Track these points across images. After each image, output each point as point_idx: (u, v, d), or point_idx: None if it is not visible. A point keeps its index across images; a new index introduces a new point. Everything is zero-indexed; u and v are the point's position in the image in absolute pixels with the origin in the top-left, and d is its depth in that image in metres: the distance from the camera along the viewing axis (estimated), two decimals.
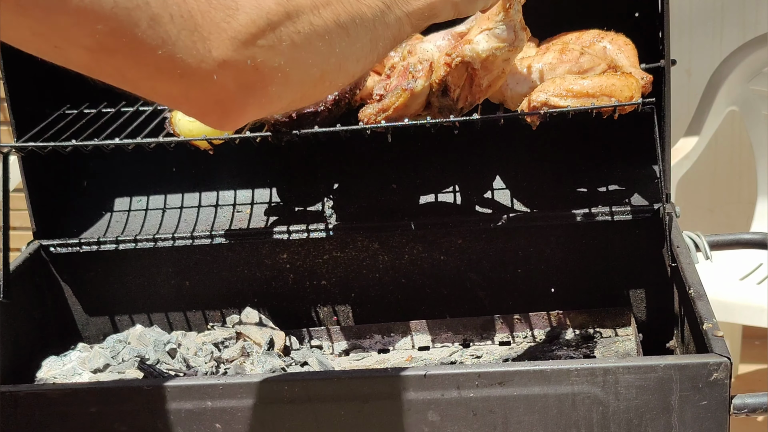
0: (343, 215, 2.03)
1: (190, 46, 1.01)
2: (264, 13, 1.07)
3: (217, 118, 1.09)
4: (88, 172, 2.10)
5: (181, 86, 1.03)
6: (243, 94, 1.07)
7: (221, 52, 1.03)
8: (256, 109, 1.10)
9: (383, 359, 1.97)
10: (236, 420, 1.44)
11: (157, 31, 0.99)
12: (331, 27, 1.15)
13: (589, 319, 1.97)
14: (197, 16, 1.02)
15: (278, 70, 1.08)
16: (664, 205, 1.89)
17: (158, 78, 1.02)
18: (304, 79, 1.14)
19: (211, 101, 1.06)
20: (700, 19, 3.43)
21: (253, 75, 1.06)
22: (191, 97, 1.05)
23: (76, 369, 1.83)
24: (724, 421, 1.40)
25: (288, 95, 1.13)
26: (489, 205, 2.03)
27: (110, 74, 1.03)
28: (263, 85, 1.08)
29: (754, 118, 3.16)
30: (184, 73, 1.02)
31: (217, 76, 1.03)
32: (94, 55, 0.99)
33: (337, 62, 1.18)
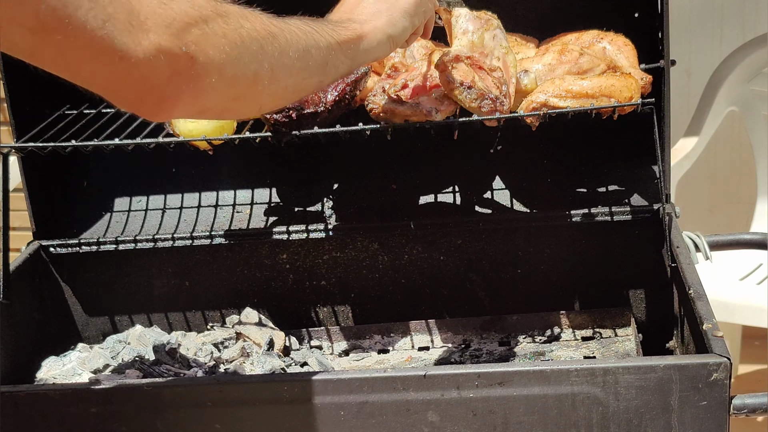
0: (343, 215, 2.03)
1: (129, 30, 1.05)
2: (196, 8, 1.12)
3: (151, 105, 1.12)
4: (87, 173, 2.10)
5: (119, 70, 1.06)
6: (177, 80, 1.10)
7: (157, 37, 1.07)
8: (189, 98, 1.13)
9: (383, 359, 1.97)
10: (236, 420, 1.44)
11: (98, 13, 1.02)
12: (261, 32, 1.21)
13: (588, 320, 1.97)
14: (134, 1, 1.06)
15: (212, 61, 1.13)
16: (664, 205, 1.89)
17: (98, 60, 1.05)
18: (237, 76, 1.18)
19: (147, 87, 1.09)
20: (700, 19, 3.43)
21: (186, 62, 1.10)
22: (128, 82, 1.08)
23: (76, 369, 1.83)
24: (724, 421, 1.40)
25: (222, 89, 1.16)
26: (489, 206, 2.03)
27: (52, 58, 1.06)
28: (197, 74, 1.12)
29: (753, 119, 3.16)
30: (123, 56, 1.05)
31: (153, 60, 1.07)
32: (37, 36, 1.01)
33: (270, 67, 1.23)
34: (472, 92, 1.72)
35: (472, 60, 1.75)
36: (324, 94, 1.78)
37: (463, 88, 1.72)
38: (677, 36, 3.31)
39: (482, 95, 1.72)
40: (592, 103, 1.76)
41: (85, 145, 1.83)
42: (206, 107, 1.19)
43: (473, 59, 1.75)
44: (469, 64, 1.74)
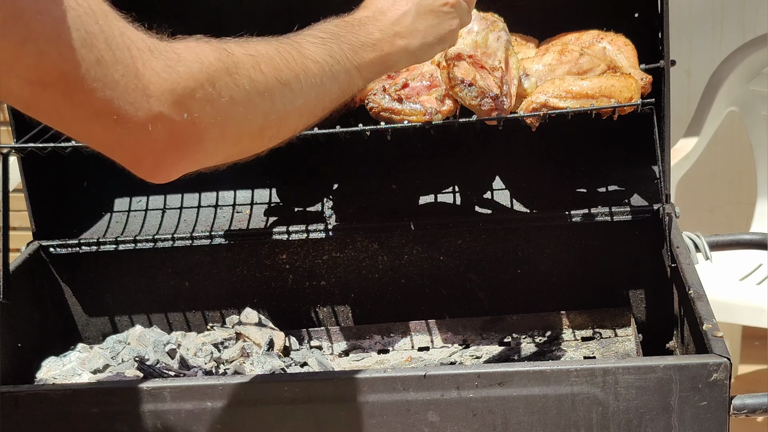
0: (343, 216, 2.03)
1: (129, 94, 1.00)
2: (204, 68, 1.06)
3: (148, 169, 1.08)
4: (87, 173, 2.10)
5: (115, 133, 1.02)
6: (176, 147, 1.06)
7: (158, 104, 1.02)
8: (189, 164, 1.09)
9: (383, 360, 1.97)
10: (236, 420, 1.44)
11: (99, 74, 0.99)
12: (271, 83, 1.15)
13: (588, 320, 1.97)
14: (139, 64, 1.01)
15: (215, 125, 1.08)
16: (664, 205, 1.89)
17: (94, 121, 1.01)
18: (241, 134, 1.13)
19: (144, 152, 1.05)
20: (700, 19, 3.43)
21: (188, 129, 1.05)
22: (124, 145, 1.04)
23: (76, 369, 1.83)
24: (724, 421, 1.40)
25: (224, 150, 1.12)
26: (488, 206, 2.03)
27: (47, 112, 1.02)
28: (198, 140, 1.07)
29: (753, 119, 3.16)
30: (119, 120, 1.01)
31: (152, 127, 1.02)
32: (34, 89, 0.98)
33: (278, 118, 1.18)
34: (472, 90, 1.72)
35: (474, 59, 1.75)
36: None
37: (463, 86, 1.72)
38: (677, 36, 3.31)
39: (483, 93, 1.72)
40: (592, 104, 1.76)
41: (86, 146, 1.83)
42: (206, 165, 1.14)
43: (475, 58, 1.75)
44: (471, 63, 1.74)
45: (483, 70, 1.75)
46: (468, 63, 1.73)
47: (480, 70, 1.74)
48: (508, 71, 1.77)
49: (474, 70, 1.73)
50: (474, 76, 1.72)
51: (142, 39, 1.03)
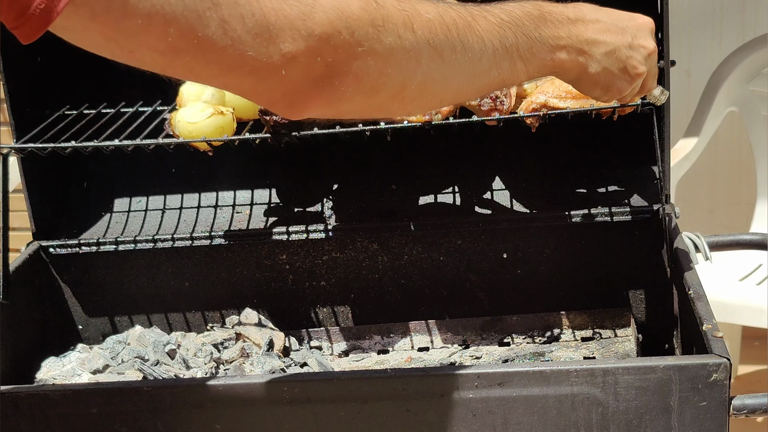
0: (343, 216, 2.03)
1: (261, 45, 1.02)
2: (344, 16, 1.06)
3: (283, 108, 1.11)
4: (87, 173, 2.10)
5: (250, 81, 1.05)
6: (310, 88, 1.07)
7: (292, 49, 1.03)
8: (322, 104, 1.10)
9: (383, 360, 1.97)
10: (236, 421, 1.44)
11: (227, 32, 1.00)
12: (421, 46, 1.11)
13: (588, 320, 1.97)
14: (270, 14, 1.02)
15: (350, 72, 1.08)
16: (664, 205, 1.89)
17: (229, 75, 1.04)
18: (378, 88, 1.11)
19: (279, 93, 1.07)
20: (700, 20, 3.43)
21: (321, 71, 1.06)
22: (259, 90, 1.07)
23: (76, 370, 1.83)
24: (724, 421, 1.40)
25: (359, 99, 1.11)
26: (488, 206, 2.03)
27: (183, 73, 1.05)
28: (330, 83, 1.07)
29: (753, 119, 3.16)
30: (253, 70, 1.03)
31: (285, 71, 1.04)
32: (166, 57, 1.01)
33: (423, 81, 1.14)
34: None
35: None
36: None
37: None
38: (677, 37, 3.31)
39: None
40: (592, 104, 1.76)
41: (85, 146, 1.83)
42: (342, 112, 1.15)
43: None
44: None
45: None
46: None
47: None
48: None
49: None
50: None
51: None
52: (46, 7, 0.93)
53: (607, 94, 1.36)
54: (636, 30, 1.35)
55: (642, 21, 1.36)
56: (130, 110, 1.99)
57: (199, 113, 1.81)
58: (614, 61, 1.32)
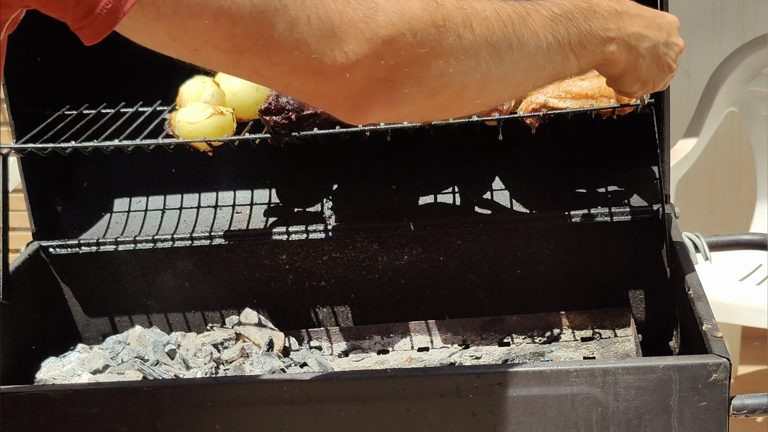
0: (343, 216, 2.03)
1: (325, 47, 1.02)
2: (406, 18, 1.06)
3: (345, 111, 1.10)
4: (87, 173, 2.10)
5: (313, 83, 1.05)
6: (373, 91, 1.07)
7: (356, 52, 1.03)
8: (384, 108, 1.10)
9: (382, 360, 1.97)
10: (236, 421, 1.44)
11: (293, 34, 1.00)
12: (480, 43, 1.11)
13: (588, 320, 1.97)
14: (335, 16, 1.02)
15: (412, 75, 1.07)
16: (664, 206, 1.89)
17: (292, 76, 1.04)
18: (439, 88, 1.11)
19: (341, 96, 1.07)
20: (699, 20, 3.43)
21: (384, 74, 1.06)
22: (321, 93, 1.07)
23: (76, 370, 1.83)
24: (724, 422, 1.40)
25: (421, 101, 1.11)
26: (488, 206, 2.03)
27: (247, 73, 1.05)
28: (393, 87, 1.07)
29: (753, 120, 3.16)
30: (317, 72, 1.03)
31: (349, 74, 1.04)
32: (231, 56, 1.01)
33: (482, 79, 1.13)
34: None
35: None
36: None
37: None
38: None
39: None
40: (592, 104, 1.76)
41: (85, 146, 1.83)
42: (403, 115, 1.15)
43: None
44: None
45: None
46: None
47: None
48: None
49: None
50: None
51: None
52: (113, 7, 0.94)
53: (644, 89, 1.38)
54: (669, 27, 1.37)
55: (672, 18, 1.39)
56: (130, 110, 1.98)
57: (198, 113, 1.81)
58: (654, 56, 1.34)
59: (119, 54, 1.97)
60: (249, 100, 1.87)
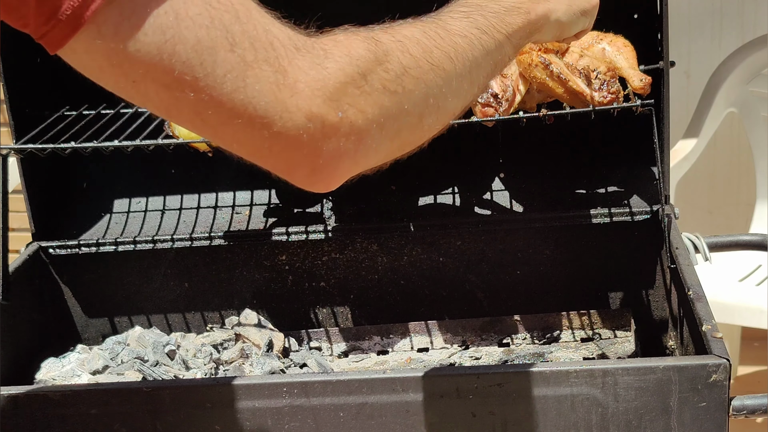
0: (342, 217, 2.03)
1: (274, 93, 0.94)
2: (354, 61, 0.99)
3: (304, 176, 1.01)
4: (87, 174, 2.10)
5: (263, 137, 0.95)
6: (334, 149, 0.98)
7: (308, 103, 0.95)
8: (349, 166, 1.02)
9: (382, 361, 1.97)
10: (235, 421, 1.44)
11: (242, 74, 0.93)
12: (424, 67, 1.06)
13: (588, 321, 1.97)
14: (285, 62, 0.95)
15: (373, 121, 1.00)
16: (663, 206, 1.89)
17: (239, 125, 0.95)
18: (401, 127, 1.05)
19: (298, 156, 0.97)
20: (699, 20, 3.43)
21: (345, 128, 0.98)
22: (275, 150, 0.97)
23: (75, 370, 1.83)
24: (723, 422, 1.40)
25: (385, 147, 1.05)
26: (488, 207, 2.03)
27: (189, 118, 0.96)
28: (357, 138, 0.99)
29: (753, 120, 3.16)
30: (266, 124, 0.94)
31: (304, 129, 0.95)
32: (172, 93, 0.93)
33: (435, 103, 1.08)
34: None
35: None
36: None
37: None
38: (676, 37, 3.31)
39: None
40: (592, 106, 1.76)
41: (85, 147, 1.83)
42: (368, 166, 1.06)
43: None
44: None
45: None
46: None
47: None
48: (516, 87, 1.78)
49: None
50: None
51: (288, 36, 0.96)
52: (73, 13, 0.89)
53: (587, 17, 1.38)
54: None
55: None
56: (130, 111, 1.98)
57: None
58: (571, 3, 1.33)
59: None
60: None
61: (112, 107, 2.00)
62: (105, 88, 0.97)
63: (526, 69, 1.77)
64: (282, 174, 1.01)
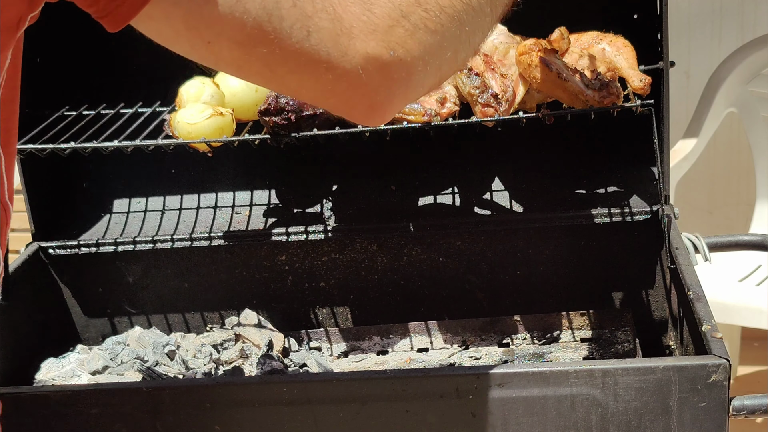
0: (342, 217, 2.03)
1: (335, 40, 1.04)
2: (396, 5, 1.08)
3: (363, 111, 1.11)
4: (86, 174, 2.10)
5: (327, 80, 1.05)
6: (388, 85, 1.08)
7: (364, 45, 1.05)
8: (401, 100, 1.12)
9: (382, 361, 1.97)
10: (235, 422, 1.44)
11: (303, 24, 1.02)
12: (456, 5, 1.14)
13: (588, 321, 1.97)
14: (339, 9, 1.04)
15: (418, 57, 1.10)
16: (663, 206, 1.89)
17: (304, 72, 1.05)
18: (441, 62, 1.14)
19: (358, 95, 1.08)
20: (699, 20, 3.43)
21: (396, 66, 1.07)
22: (337, 91, 1.07)
23: (75, 371, 1.83)
24: (723, 422, 1.40)
25: (428, 81, 1.14)
26: (488, 207, 2.03)
27: (258, 71, 1.06)
28: (407, 75, 1.09)
29: (752, 120, 3.16)
30: (329, 67, 1.04)
31: (362, 69, 1.05)
32: (243, 49, 1.02)
33: (466, 37, 1.17)
34: (475, 80, 1.73)
35: (487, 58, 1.76)
36: None
37: (469, 74, 1.73)
38: (676, 37, 3.31)
39: (485, 87, 1.73)
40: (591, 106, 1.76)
41: (84, 147, 1.83)
42: (415, 98, 1.17)
43: (489, 58, 1.76)
44: (484, 61, 1.75)
45: (493, 72, 1.76)
46: (481, 59, 1.75)
47: (490, 70, 1.75)
48: (516, 87, 1.78)
49: (485, 66, 1.75)
50: (483, 71, 1.74)
51: None
52: None
53: None
54: None
55: None
56: (130, 111, 1.98)
57: (198, 114, 1.81)
58: None
59: (119, 54, 1.97)
60: (248, 101, 1.87)
61: (112, 107, 2.00)
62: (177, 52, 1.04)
63: (526, 69, 1.77)
64: (341, 112, 1.12)
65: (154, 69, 1.93)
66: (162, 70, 1.70)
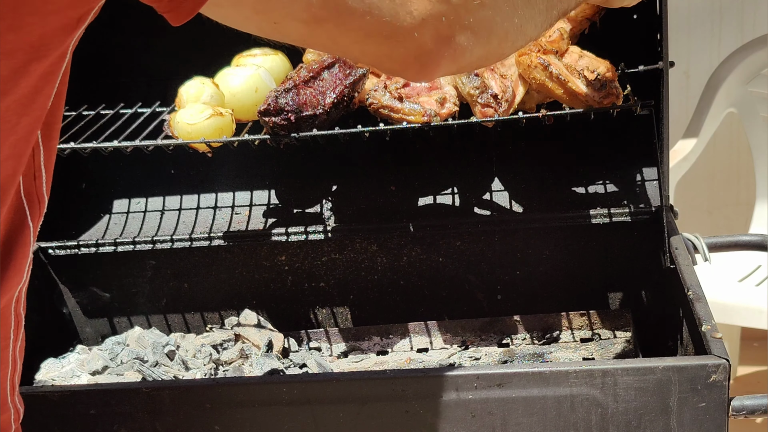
0: (342, 217, 2.03)
1: (394, 9, 1.09)
2: None
3: (415, 71, 1.17)
4: (86, 174, 2.10)
5: (386, 47, 1.12)
6: (439, 48, 1.15)
7: (421, 11, 1.11)
8: (449, 63, 1.18)
9: (382, 361, 1.97)
10: (235, 422, 1.44)
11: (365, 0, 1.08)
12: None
13: (587, 321, 1.97)
14: None
15: (468, 27, 1.16)
16: (663, 206, 1.89)
17: (367, 41, 1.11)
18: (490, 36, 1.20)
19: (411, 57, 1.15)
20: (699, 20, 3.43)
21: (447, 30, 1.14)
22: (394, 56, 1.14)
23: (75, 371, 1.83)
24: (723, 422, 1.40)
25: (476, 50, 1.19)
26: (487, 207, 2.03)
27: (323, 44, 1.13)
28: (455, 39, 1.15)
29: (752, 120, 3.16)
30: (389, 35, 1.11)
31: (418, 33, 1.12)
32: (309, 27, 1.07)
33: (519, 23, 1.23)
34: (475, 80, 1.74)
35: None
36: (322, 97, 1.78)
37: (469, 74, 1.73)
38: (676, 37, 3.31)
39: (485, 86, 1.73)
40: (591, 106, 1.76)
41: (84, 147, 1.83)
42: (463, 66, 1.22)
43: None
44: None
45: (493, 72, 1.76)
46: None
47: (490, 71, 1.76)
48: (516, 87, 1.78)
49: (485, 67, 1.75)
50: (482, 71, 1.74)
51: None
52: None
53: None
54: None
55: None
56: (129, 111, 1.98)
57: (198, 114, 1.81)
58: None
59: (118, 55, 1.97)
60: (248, 102, 1.87)
61: (112, 107, 2.00)
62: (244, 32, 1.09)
63: (526, 70, 1.77)
64: (394, 73, 1.20)
65: (153, 69, 1.93)
66: (162, 70, 1.71)
